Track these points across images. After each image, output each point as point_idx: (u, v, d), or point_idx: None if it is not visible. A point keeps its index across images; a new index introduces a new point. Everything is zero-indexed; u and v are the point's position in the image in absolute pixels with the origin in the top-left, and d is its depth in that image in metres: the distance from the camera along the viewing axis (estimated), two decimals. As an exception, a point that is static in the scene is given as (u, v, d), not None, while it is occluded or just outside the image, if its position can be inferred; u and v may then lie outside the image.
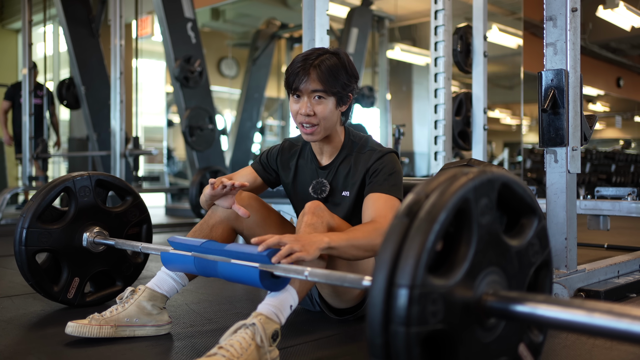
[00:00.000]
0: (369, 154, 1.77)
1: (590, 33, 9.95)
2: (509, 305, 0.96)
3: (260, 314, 1.38)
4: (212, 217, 1.79)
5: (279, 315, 1.40)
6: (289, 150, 1.94)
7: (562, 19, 2.04)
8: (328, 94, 1.69)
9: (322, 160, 1.86)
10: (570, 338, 1.69)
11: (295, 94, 1.72)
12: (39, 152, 6.07)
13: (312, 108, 1.70)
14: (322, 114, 1.71)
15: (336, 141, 1.83)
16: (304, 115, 1.71)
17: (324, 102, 1.70)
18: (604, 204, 3.09)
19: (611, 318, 0.84)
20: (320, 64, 1.68)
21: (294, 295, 1.45)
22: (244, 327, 1.36)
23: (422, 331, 0.87)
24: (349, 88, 1.73)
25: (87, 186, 2.09)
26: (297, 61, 1.71)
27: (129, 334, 1.67)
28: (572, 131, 2.05)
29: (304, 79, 1.68)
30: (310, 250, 1.38)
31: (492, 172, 1.01)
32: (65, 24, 6.10)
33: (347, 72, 1.72)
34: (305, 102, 1.70)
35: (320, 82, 1.67)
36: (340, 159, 1.82)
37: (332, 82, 1.68)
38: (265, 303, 1.42)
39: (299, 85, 1.69)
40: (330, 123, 1.74)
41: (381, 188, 1.69)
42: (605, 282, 2.26)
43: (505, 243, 1.04)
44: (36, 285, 1.99)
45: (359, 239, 1.50)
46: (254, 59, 8.57)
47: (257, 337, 1.34)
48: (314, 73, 1.67)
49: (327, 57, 1.70)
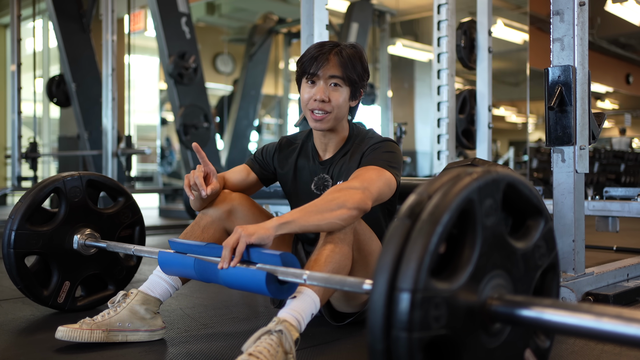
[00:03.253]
0: (367, 141, 1.79)
1: (599, 28, 9.95)
2: (514, 309, 0.96)
3: (285, 320, 1.37)
4: (203, 219, 1.79)
5: (300, 322, 1.39)
6: (287, 147, 1.94)
7: (570, 13, 2.04)
8: (345, 82, 1.73)
9: (324, 155, 1.87)
10: (578, 344, 1.69)
11: (310, 79, 1.74)
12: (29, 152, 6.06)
13: (328, 94, 1.72)
14: (336, 102, 1.73)
15: (341, 136, 1.84)
16: (318, 100, 1.72)
17: (340, 90, 1.73)
18: (612, 204, 3.09)
19: (620, 323, 0.84)
20: (340, 50, 1.72)
21: (316, 303, 1.44)
22: (268, 333, 1.34)
23: (425, 337, 0.87)
24: (362, 82, 1.77)
25: (77, 187, 2.09)
26: (314, 47, 1.74)
27: (121, 339, 1.67)
28: (579, 129, 2.05)
29: (323, 64, 1.71)
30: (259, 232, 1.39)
31: (497, 172, 1.01)
32: (55, 19, 6.10)
33: (363, 65, 1.76)
34: (322, 87, 1.72)
35: (340, 68, 1.71)
36: (342, 153, 1.84)
37: (350, 70, 1.71)
38: (288, 309, 1.40)
39: (317, 70, 1.71)
40: (341, 113, 1.76)
41: (374, 161, 1.67)
42: (614, 286, 2.26)
43: (510, 245, 1.04)
44: (25, 289, 1.99)
45: (318, 204, 1.47)
46: (251, 55, 8.57)
47: (285, 344, 1.32)
48: (335, 59, 1.71)
49: (346, 46, 1.74)
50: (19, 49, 6.18)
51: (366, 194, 1.52)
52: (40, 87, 7.67)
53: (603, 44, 10.92)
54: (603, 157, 9.44)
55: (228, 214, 1.79)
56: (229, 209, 1.80)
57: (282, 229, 1.43)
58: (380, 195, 1.60)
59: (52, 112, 9.42)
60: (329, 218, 1.47)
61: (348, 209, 1.48)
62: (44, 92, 6.62)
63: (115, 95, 5.19)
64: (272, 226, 1.42)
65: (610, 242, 3.79)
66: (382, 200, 1.62)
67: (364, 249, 1.63)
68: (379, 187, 1.58)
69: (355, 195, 1.50)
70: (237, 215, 1.80)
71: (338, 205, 1.48)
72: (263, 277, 1.35)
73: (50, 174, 7.50)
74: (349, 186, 1.53)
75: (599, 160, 9.07)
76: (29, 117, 6.74)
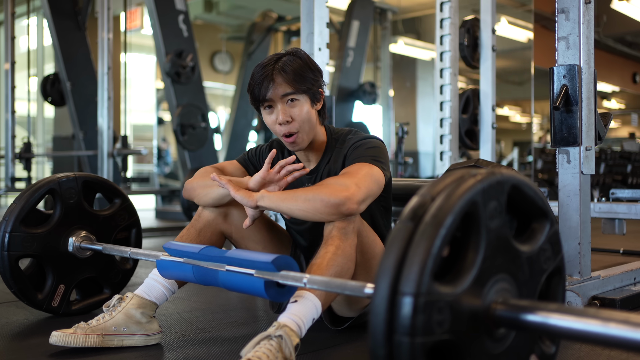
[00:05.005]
0: (349, 141, 1.76)
1: (605, 26, 9.96)
2: (519, 314, 0.96)
3: (285, 325, 1.36)
4: (199, 221, 1.79)
5: (301, 327, 1.39)
6: (277, 149, 1.92)
7: (575, 11, 2.04)
8: (299, 94, 1.70)
9: (308, 165, 1.85)
10: (584, 349, 1.68)
11: (266, 105, 1.72)
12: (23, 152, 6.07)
13: (289, 113, 1.70)
14: (300, 117, 1.70)
15: (319, 144, 1.82)
16: (282, 124, 1.70)
17: (299, 104, 1.71)
18: (619, 206, 3.09)
19: (628, 328, 0.84)
20: (282, 66, 1.69)
21: (318, 307, 1.44)
22: (267, 338, 1.33)
23: (428, 342, 0.87)
24: (317, 83, 1.75)
25: (73, 188, 2.09)
26: (257, 72, 1.71)
27: (117, 343, 1.66)
28: (585, 130, 2.05)
29: (271, 86, 1.68)
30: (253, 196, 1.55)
31: (502, 174, 1.01)
32: (50, 17, 6.10)
33: (310, 68, 1.73)
34: (280, 109, 1.70)
35: (288, 83, 1.68)
36: (325, 161, 1.81)
37: (299, 81, 1.68)
38: (289, 314, 1.39)
39: (267, 94, 1.69)
40: (310, 124, 1.74)
41: (361, 158, 1.65)
42: (621, 290, 2.26)
43: (515, 249, 1.04)
44: (19, 293, 1.99)
45: (305, 190, 1.52)
46: (249, 53, 8.57)
47: (285, 350, 1.32)
48: (279, 77, 1.68)
49: (287, 59, 1.70)
50: (12, 47, 6.18)
51: (352, 190, 1.49)
52: (35, 86, 7.67)
53: (609, 42, 10.92)
54: (609, 158, 9.43)
55: (225, 217, 1.80)
56: (226, 212, 1.80)
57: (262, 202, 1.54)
58: (370, 191, 1.56)
59: (46, 112, 9.43)
60: (312, 208, 1.49)
61: (331, 205, 1.47)
62: (38, 91, 6.62)
63: (111, 94, 5.19)
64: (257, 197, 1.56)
65: (616, 245, 3.79)
66: (373, 196, 1.58)
67: (368, 252, 1.63)
68: (367, 185, 1.55)
69: (341, 192, 1.48)
70: (233, 218, 1.80)
71: (322, 197, 1.48)
72: (262, 280, 1.35)
73: (45, 175, 7.50)
74: (337, 182, 1.52)
75: (605, 161, 9.07)
76: (23, 116, 6.74)
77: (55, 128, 8.62)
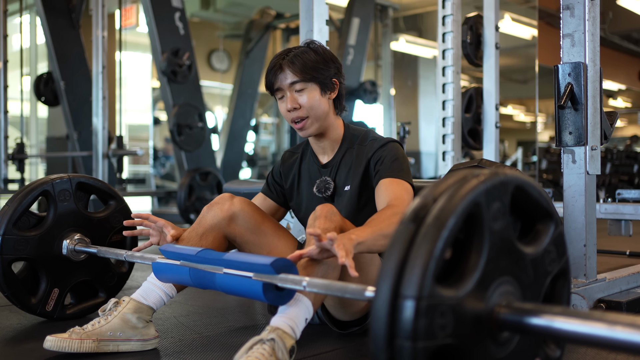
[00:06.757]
0: (371, 144, 1.85)
1: (611, 23, 9.96)
2: (523, 317, 0.96)
3: (277, 328, 1.38)
4: (200, 225, 1.79)
5: (294, 329, 1.41)
6: (289, 159, 2.02)
7: (580, 7, 2.04)
8: (307, 82, 1.79)
9: (323, 159, 1.93)
10: (590, 353, 1.69)
11: (279, 94, 1.83)
12: (16, 153, 6.07)
13: (297, 101, 1.79)
14: (307, 104, 1.80)
15: (334, 135, 1.90)
16: (290, 110, 1.80)
17: (306, 91, 1.80)
18: (625, 207, 3.09)
19: (634, 331, 0.84)
20: (293, 57, 1.80)
21: (309, 307, 1.46)
22: (260, 342, 1.35)
23: (430, 346, 0.87)
24: (328, 72, 1.82)
25: (67, 189, 2.09)
26: (271, 61, 1.84)
27: (113, 349, 1.67)
28: (591, 129, 2.06)
29: (280, 76, 1.80)
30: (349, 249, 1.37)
31: (505, 174, 1.01)
32: (43, 14, 6.10)
33: (323, 59, 1.82)
34: (289, 97, 1.80)
35: (295, 73, 1.78)
36: (341, 154, 1.89)
37: (306, 70, 1.78)
38: (281, 316, 1.41)
39: (277, 83, 1.81)
40: (319, 112, 1.81)
41: (390, 173, 1.76)
42: (627, 292, 2.26)
43: (519, 250, 1.04)
44: (12, 297, 1.99)
45: (383, 227, 1.53)
46: (247, 51, 8.57)
47: (278, 353, 1.34)
48: (287, 66, 1.80)
49: (298, 50, 1.82)
50: (5, 46, 6.18)
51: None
52: (28, 86, 7.67)
53: (615, 39, 10.92)
54: (615, 157, 9.44)
55: (229, 220, 1.79)
56: (231, 215, 1.80)
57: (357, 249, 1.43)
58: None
59: (40, 112, 9.42)
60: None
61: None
62: (31, 90, 6.62)
63: (106, 93, 5.19)
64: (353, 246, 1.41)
65: (623, 247, 3.79)
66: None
67: (361, 257, 1.64)
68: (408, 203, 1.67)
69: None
70: (238, 222, 1.80)
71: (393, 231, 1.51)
72: (260, 283, 1.35)
73: (38, 176, 7.49)
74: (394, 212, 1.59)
75: (611, 161, 9.07)
76: (16, 116, 6.74)
77: (48, 128, 8.60)
